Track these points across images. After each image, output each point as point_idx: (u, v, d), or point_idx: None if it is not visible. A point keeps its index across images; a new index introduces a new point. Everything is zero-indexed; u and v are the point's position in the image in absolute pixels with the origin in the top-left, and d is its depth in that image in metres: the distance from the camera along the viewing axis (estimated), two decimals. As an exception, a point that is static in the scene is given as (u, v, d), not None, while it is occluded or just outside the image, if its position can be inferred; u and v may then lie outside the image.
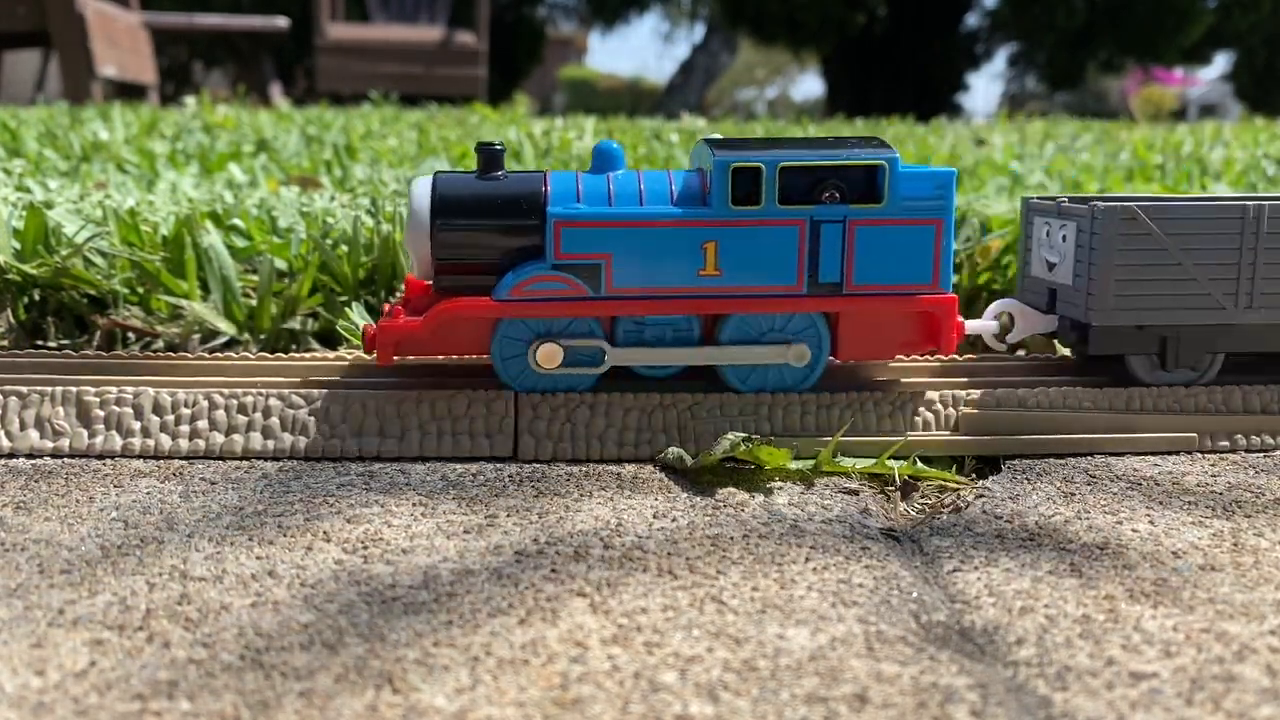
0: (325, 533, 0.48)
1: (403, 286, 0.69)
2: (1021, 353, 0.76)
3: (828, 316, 0.62)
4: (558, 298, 0.59)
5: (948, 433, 0.62)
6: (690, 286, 0.60)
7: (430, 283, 0.62)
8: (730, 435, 0.56)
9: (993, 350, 0.71)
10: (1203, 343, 0.64)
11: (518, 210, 0.60)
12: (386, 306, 0.62)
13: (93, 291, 0.82)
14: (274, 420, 0.59)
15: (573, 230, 0.59)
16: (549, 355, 0.60)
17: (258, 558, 0.45)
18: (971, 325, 0.66)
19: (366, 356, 0.66)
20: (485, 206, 0.60)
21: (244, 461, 0.58)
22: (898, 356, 0.65)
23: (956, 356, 0.70)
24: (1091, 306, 0.63)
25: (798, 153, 0.59)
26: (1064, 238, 0.65)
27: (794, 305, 0.60)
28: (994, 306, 0.68)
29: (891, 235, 0.60)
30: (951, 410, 0.62)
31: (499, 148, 0.61)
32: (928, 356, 0.68)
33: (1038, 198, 0.68)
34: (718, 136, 0.63)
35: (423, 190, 0.60)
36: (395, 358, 0.60)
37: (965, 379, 0.65)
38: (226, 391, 0.60)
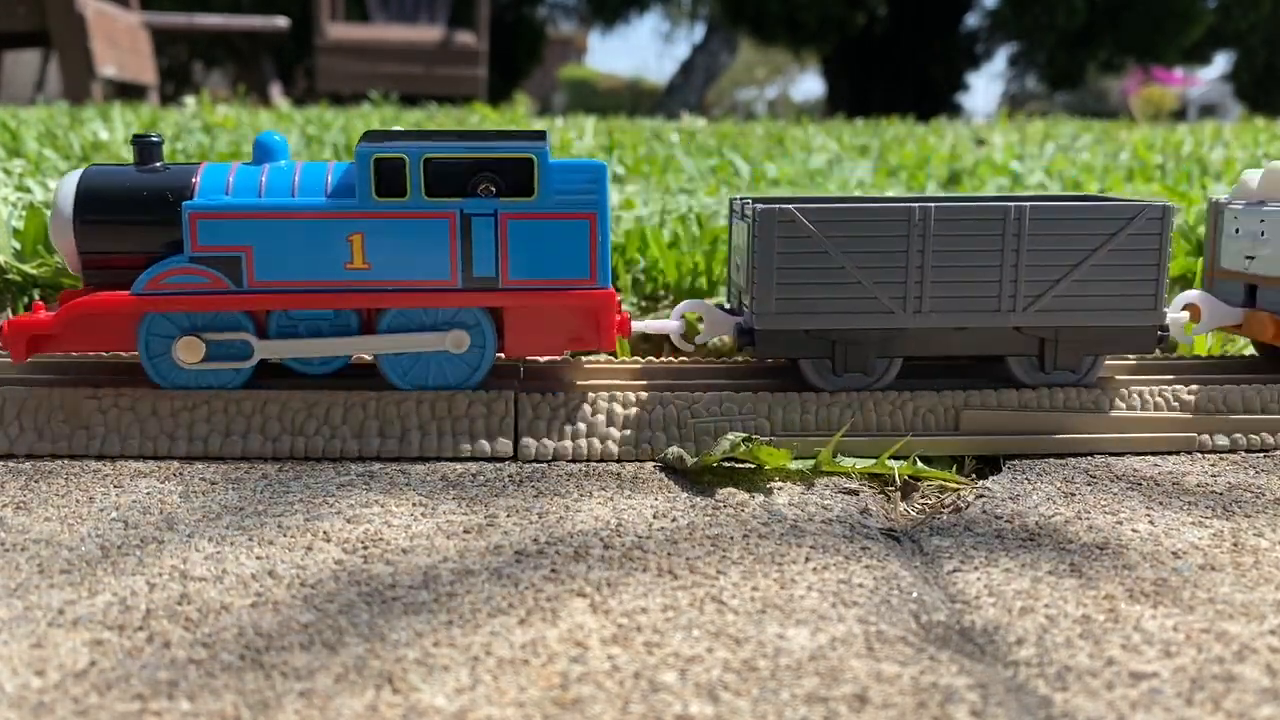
0: (325, 533, 0.48)
1: None
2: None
3: (492, 312, 0.61)
4: (195, 291, 0.58)
5: (948, 433, 0.62)
6: (339, 280, 0.59)
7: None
8: (730, 435, 0.56)
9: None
10: (872, 347, 0.62)
11: (164, 203, 0.59)
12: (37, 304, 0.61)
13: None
14: (274, 420, 0.59)
15: (209, 222, 0.58)
16: (189, 349, 0.58)
17: (258, 558, 0.45)
18: (656, 325, 0.66)
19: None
20: (132, 200, 0.59)
21: (244, 461, 0.58)
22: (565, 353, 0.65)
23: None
24: (755, 310, 0.61)
25: (445, 144, 0.58)
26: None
27: (449, 300, 0.59)
28: (681, 306, 0.67)
29: (545, 229, 0.59)
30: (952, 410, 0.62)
31: (155, 139, 0.60)
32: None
33: (739, 198, 0.66)
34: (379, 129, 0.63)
35: (69, 184, 0.59)
36: (29, 357, 0.59)
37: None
38: (227, 392, 0.60)
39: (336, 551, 0.46)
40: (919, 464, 0.58)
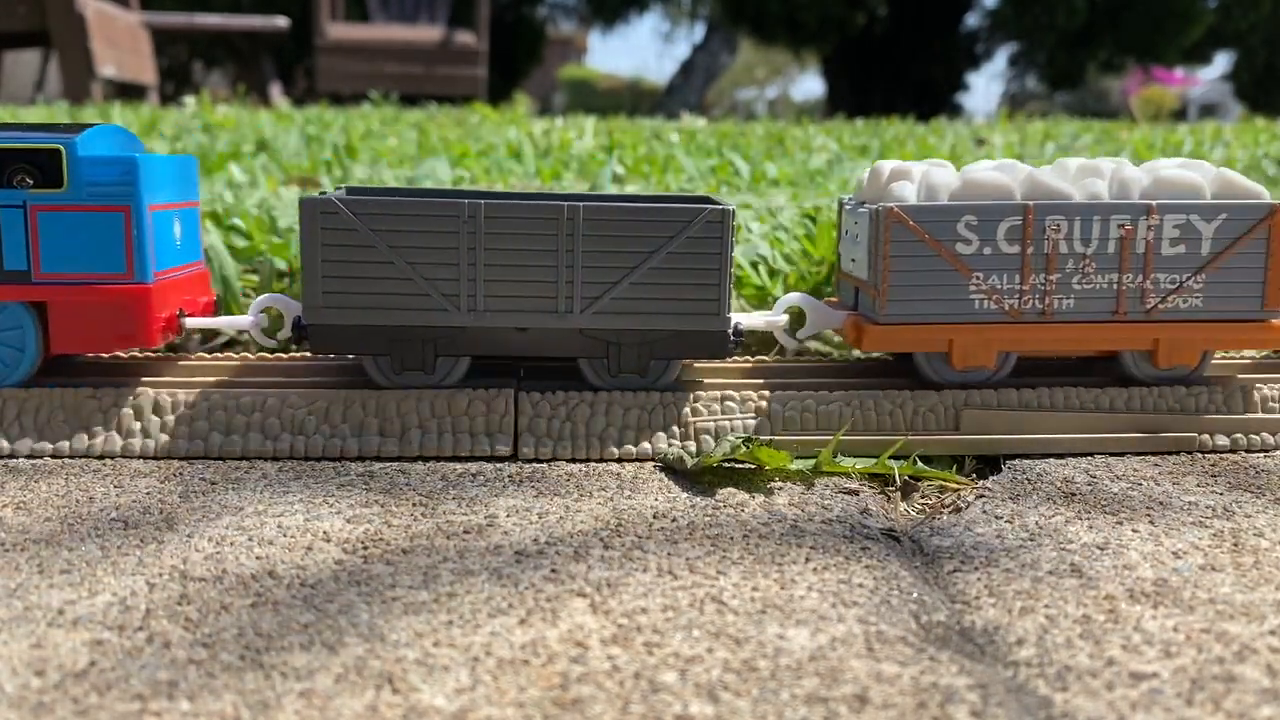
0: (325, 533, 0.48)
1: None
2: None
3: (37, 307, 0.60)
4: None
5: (948, 433, 0.62)
6: None
7: None
8: (730, 435, 0.56)
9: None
10: (429, 345, 0.60)
11: None
12: None
13: None
14: (274, 420, 0.59)
15: None
16: None
17: (258, 558, 0.45)
18: (224, 322, 0.65)
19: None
20: None
21: (244, 461, 0.58)
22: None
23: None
24: (305, 304, 0.60)
25: None
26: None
27: None
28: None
29: (76, 221, 0.58)
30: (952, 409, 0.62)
31: None
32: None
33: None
34: None
35: None
36: None
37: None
38: (226, 391, 0.60)
39: (336, 551, 0.46)
40: (919, 464, 0.58)
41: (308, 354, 0.69)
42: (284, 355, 0.69)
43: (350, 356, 0.65)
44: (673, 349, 0.61)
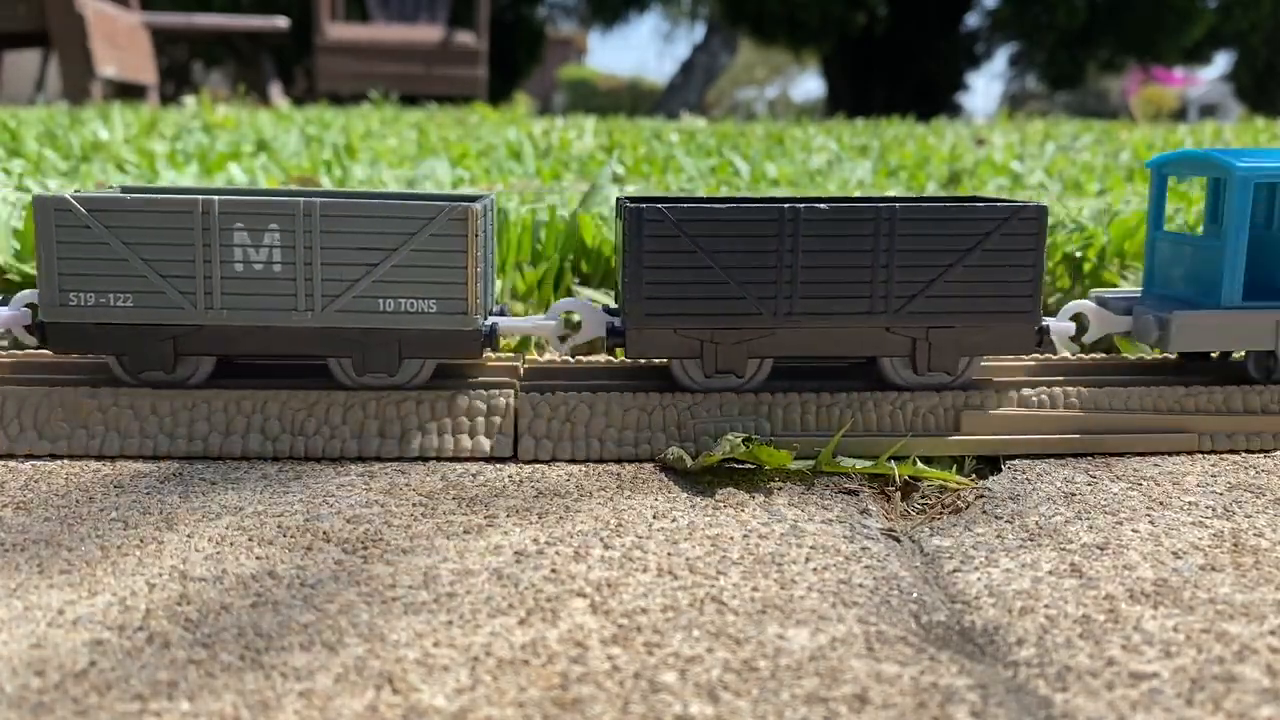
0: (325, 533, 0.48)
1: None
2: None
3: None
4: None
5: (948, 433, 0.62)
6: None
7: None
8: (730, 435, 0.56)
9: None
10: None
11: None
12: None
13: None
14: (274, 420, 0.59)
15: None
16: None
17: (258, 558, 0.45)
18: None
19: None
20: None
21: (244, 461, 0.58)
22: None
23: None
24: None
25: None
26: None
27: None
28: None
29: None
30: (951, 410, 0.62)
31: None
32: None
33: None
34: None
35: None
36: None
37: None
38: (226, 392, 0.60)
39: (336, 551, 0.46)
40: (919, 464, 0.58)
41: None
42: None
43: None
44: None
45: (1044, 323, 0.63)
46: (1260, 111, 6.20)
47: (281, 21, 4.15)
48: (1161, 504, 0.53)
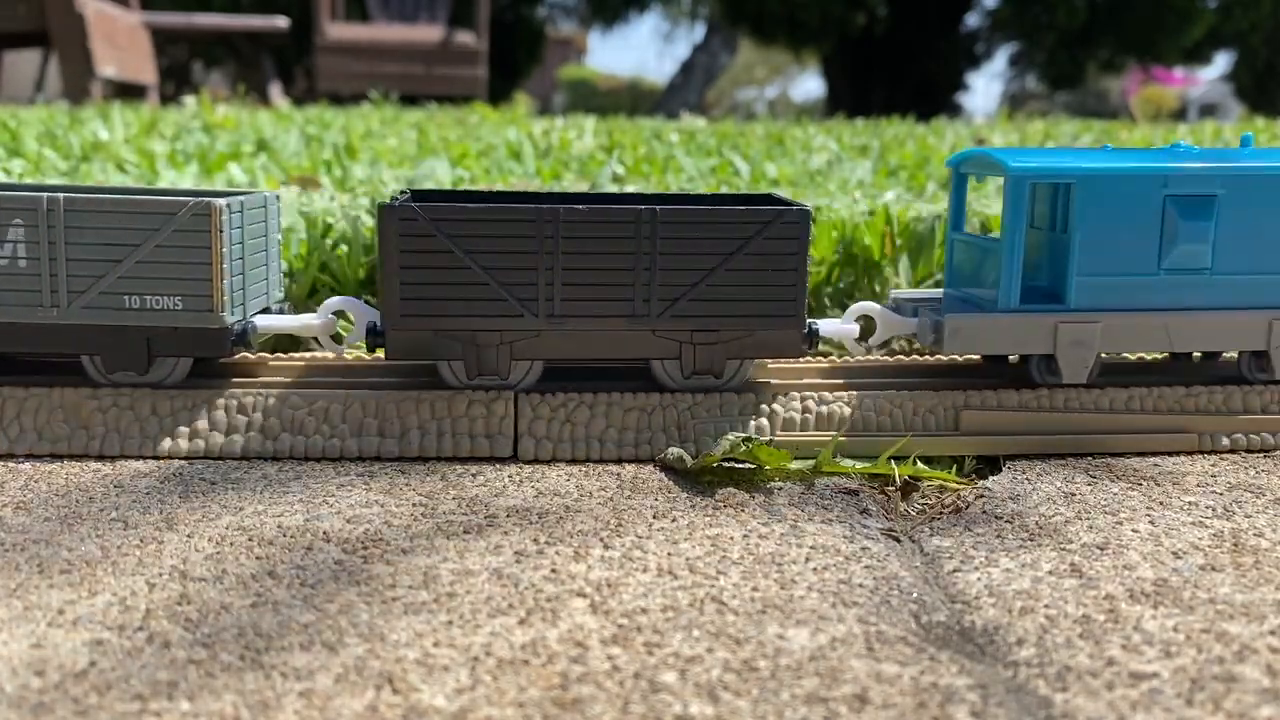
0: (325, 533, 0.48)
1: None
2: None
3: None
4: None
5: (948, 433, 0.62)
6: None
7: None
8: (730, 435, 0.56)
9: None
10: None
11: None
12: None
13: None
14: (274, 420, 0.59)
15: None
16: None
17: (257, 558, 0.45)
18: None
19: (367, 356, 0.66)
20: None
21: (244, 461, 0.58)
22: None
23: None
24: None
25: None
26: None
27: None
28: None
29: None
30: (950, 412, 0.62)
31: None
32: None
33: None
34: None
35: None
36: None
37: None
38: (227, 391, 0.60)
39: (336, 551, 0.46)
40: (919, 464, 0.58)
41: (309, 355, 0.69)
42: (283, 355, 0.69)
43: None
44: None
45: (814, 325, 0.61)
46: (1260, 111, 6.20)
47: (281, 21, 4.15)
48: (1161, 504, 0.53)
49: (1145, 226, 0.61)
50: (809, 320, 0.62)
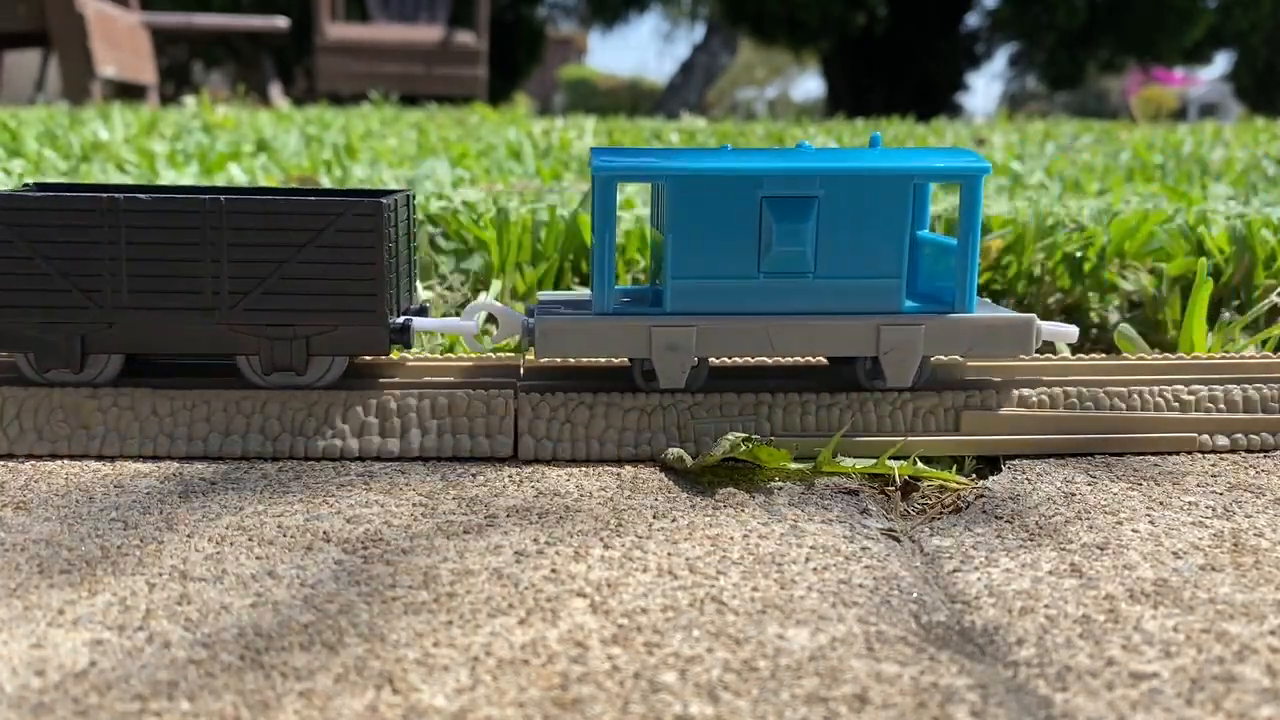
0: (325, 533, 0.48)
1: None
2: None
3: None
4: None
5: (947, 433, 0.62)
6: None
7: None
8: (730, 435, 0.56)
9: None
10: None
11: None
12: None
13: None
14: (274, 420, 0.59)
15: None
16: None
17: (258, 558, 0.45)
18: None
19: (367, 356, 0.66)
20: None
21: (244, 461, 0.58)
22: None
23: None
24: None
25: None
26: None
27: None
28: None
29: None
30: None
31: None
32: None
33: None
34: None
35: None
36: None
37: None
38: (226, 392, 0.60)
39: (336, 551, 0.46)
40: (919, 464, 0.58)
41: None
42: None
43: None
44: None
45: (405, 322, 0.60)
46: (1260, 111, 6.20)
47: (281, 21, 4.15)
48: (1161, 504, 0.53)
49: (742, 229, 0.59)
50: (405, 317, 0.60)
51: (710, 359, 0.61)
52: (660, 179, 0.59)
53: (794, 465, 0.57)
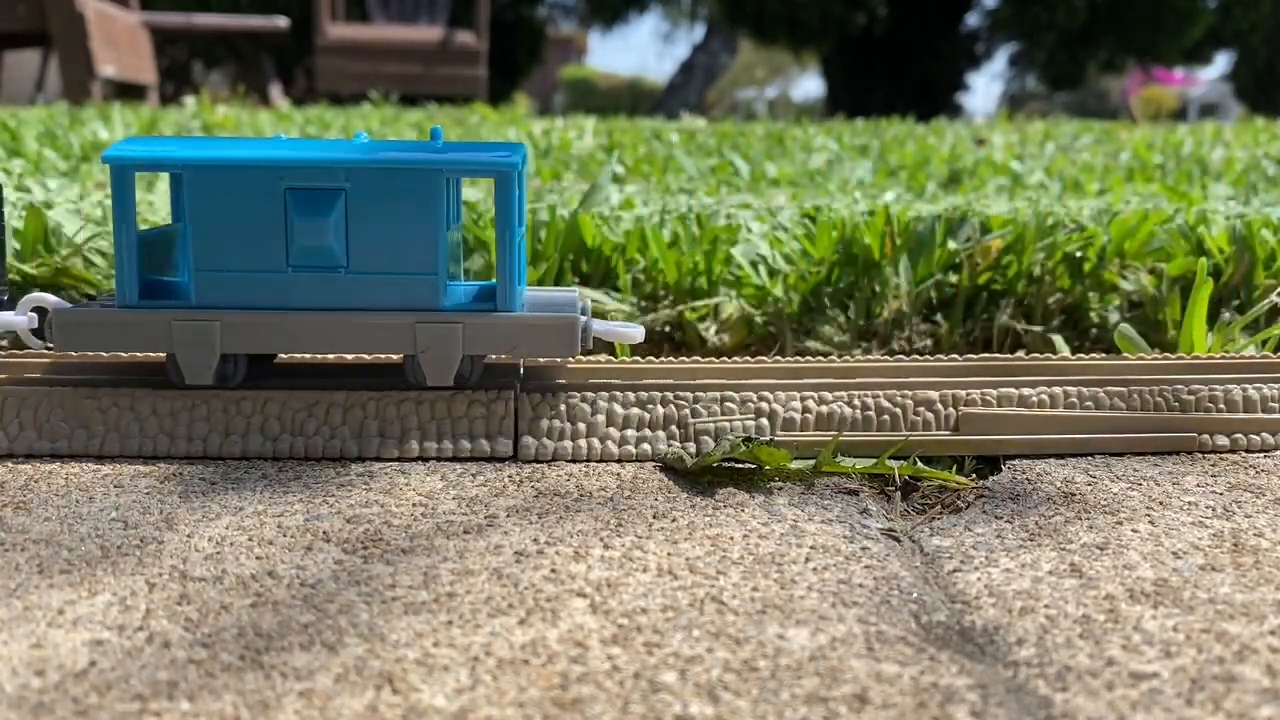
0: (325, 533, 0.48)
1: None
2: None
3: None
4: None
5: (948, 433, 0.62)
6: None
7: None
8: (730, 435, 0.56)
9: None
10: None
11: None
12: None
13: (93, 291, 0.82)
14: (274, 420, 0.59)
15: None
16: None
17: (258, 558, 0.45)
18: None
19: (367, 356, 0.66)
20: None
21: (244, 461, 0.58)
22: None
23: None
24: None
25: None
26: None
27: None
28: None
29: None
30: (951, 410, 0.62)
31: None
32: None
33: None
34: None
35: None
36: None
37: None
38: (227, 392, 0.60)
39: (336, 551, 0.46)
40: (919, 464, 0.58)
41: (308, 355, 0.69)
42: (283, 355, 0.69)
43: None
44: None
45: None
46: (1260, 111, 6.19)
47: (281, 21, 4.15)
48: (1161, 504, 0.53)
49: (267, 220, 0.57)
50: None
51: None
52: (179, 169, 0.57)
53: (794, 465, 0.57)
